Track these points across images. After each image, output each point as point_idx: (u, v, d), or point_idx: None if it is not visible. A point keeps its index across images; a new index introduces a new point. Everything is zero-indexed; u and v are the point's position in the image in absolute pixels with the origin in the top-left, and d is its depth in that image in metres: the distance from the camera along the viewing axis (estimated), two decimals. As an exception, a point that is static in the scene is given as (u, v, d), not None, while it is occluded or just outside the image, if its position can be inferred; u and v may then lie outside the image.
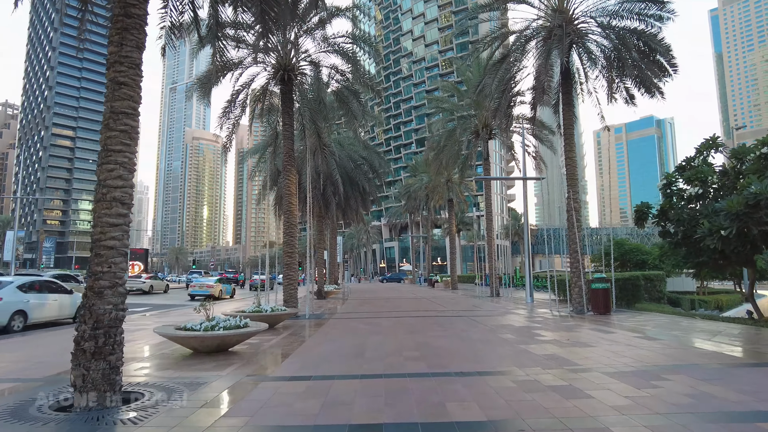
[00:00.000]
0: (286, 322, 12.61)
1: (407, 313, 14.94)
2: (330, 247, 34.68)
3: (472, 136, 25.37)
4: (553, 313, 14.53)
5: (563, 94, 15.94)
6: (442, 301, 20.75)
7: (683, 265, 33.15)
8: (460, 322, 12.09)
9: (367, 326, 11.28)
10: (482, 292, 27.43)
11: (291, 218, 14.65)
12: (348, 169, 22.87)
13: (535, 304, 18.85)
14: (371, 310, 16.50)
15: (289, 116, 15.10)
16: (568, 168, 15.53)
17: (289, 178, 14.78)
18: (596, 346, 7.89)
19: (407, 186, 47.92)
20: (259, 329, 8.20)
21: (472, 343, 8.43)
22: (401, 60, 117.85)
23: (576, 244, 15.04)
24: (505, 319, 12.92)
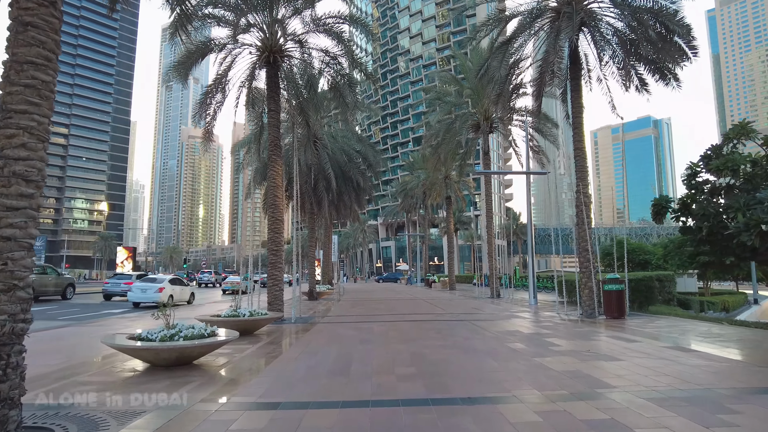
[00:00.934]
0: (269, 327, 11.38)
1: (402, 317, 13.73)
2: (324, 245, 33.44)
3: (471, 130, 24.17)
4: (562, 316, 13.35)
5: (571, 80, 14.76)
6: (439, 303, 19.56)
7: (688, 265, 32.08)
8: (461, 327, 10.89)
9: (356, 333, 10.06)
10: (481, 293, 26.25)
11: (276, 213, 13.42)
12: (341, 163, 21.63)
13: (539, 306, 17.69)
14: (363, 313, 15.28)
15: (275, 102, 13.87)
16: (578, 160, 14.35)
17: (275, 169, 13.55)
18: (624, 359, 6.69)
19: (404, 183, 46.74)
20: (229, 338, 6.96)
21: (477, 355, 7.22)
22: (398, 58, 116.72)
23: (586, 242, 13.86)
24: (510, 324, 11.72)
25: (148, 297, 19.16)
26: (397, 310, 16.52)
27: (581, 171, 14.25)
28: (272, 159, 13.63)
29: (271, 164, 13.60)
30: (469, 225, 78.19)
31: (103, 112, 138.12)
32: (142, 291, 19.54)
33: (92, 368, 6.58)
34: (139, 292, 19.56)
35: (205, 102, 14.46)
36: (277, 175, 13.58)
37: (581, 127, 14.48)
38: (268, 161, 13.73)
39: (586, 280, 13.71)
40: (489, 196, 23.51)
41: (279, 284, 13.17)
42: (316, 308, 17.53)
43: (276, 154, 13.66)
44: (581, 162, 14.28)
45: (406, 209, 50.61)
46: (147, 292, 19.38)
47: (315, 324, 11.99)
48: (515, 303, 19.39)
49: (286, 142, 22.73)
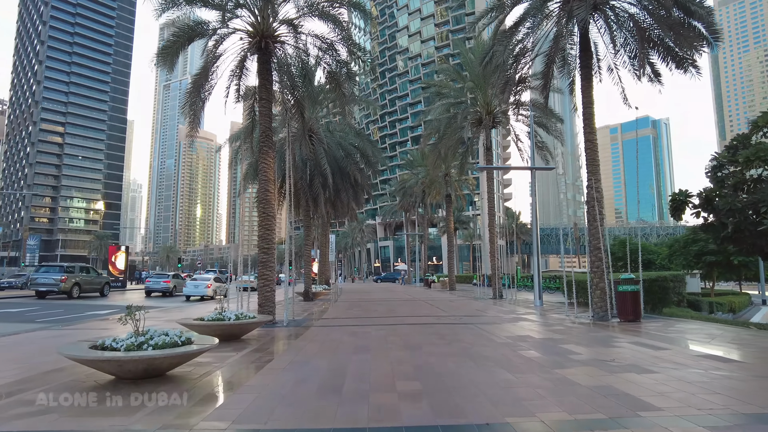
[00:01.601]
0: (259, 331, 10.52)
1: (402, 320, 12.87)
2: (320, 244, 32.56)
3: (473, 125, 23.30)
4: (572, 319, 12.51)
5: (582, 68, 13.92)
6: (440, 304, 18.71)
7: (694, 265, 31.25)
8: (466, 332, 10.04)
9: (352, 338, 9.20)
10: (483, 294, 25.41)
11: (268, 209, 12.55)
12: (338, 158, 20.74)
13: (545, 307, 16.85)
14: (361, 315, 14.42)
15: (266, 90, 13.00)
16: (588, 153, 13.51)
17: (266, 162, 12.67)
18: (658, 371, 5.84)
19: (402, 181, 45.86)
20: (204, 348, 6.08)
21: (488, 365, 6.37)
22: (396, 57, 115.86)
23: (598, 239, 13.03)
24: (518, 327, 10.87)
25: (199, 291, 24.26)
26: (396, 312, 15.67)
27: (592, 164, 13.42)
28: (263, 151, 12.75)
29: (263, 157, 12.73)
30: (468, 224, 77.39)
31: (100, 110, 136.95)
32: (195, 287, 24.69)
33: (50, 381, 5.71)
34: (192, 288, 24.69)
35: (192, 91, 13.59)
36: (269, 169, 12.70)
37: (592, 119, 13.64)
38: (258, 154, 12.86)
39: (598, 281, 12.88)
40: (491, 193, 22.67)
41: (270, 285, 12.29)
42: (311, 310, 16.67)
43: (267, 146, 12.78)
44: (592, 155, 13.45)
45: (405, 208, 49.72)
46: (198, 288, 24.53)
47: (308, 328, 11.12)
48: (519, 304, 18.55)
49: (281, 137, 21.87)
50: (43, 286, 22.52)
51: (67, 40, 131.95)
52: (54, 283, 22.39)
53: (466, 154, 25.29)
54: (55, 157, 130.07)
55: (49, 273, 23.26)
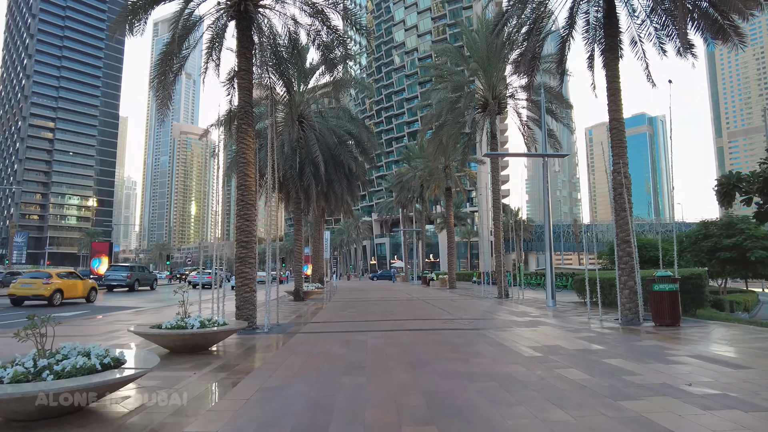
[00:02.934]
0: (235, 338, 8.85)
1: (402, 324, 11.19)
2: (314, 241, 30.85)
3: (477, 110, 21.62)
4: (596, 323, 10.87)
5: (606, 38, 12.25)
6: (443, 305, 17.05)
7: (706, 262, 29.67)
8: (481, 341, 8.37)
9: (344, 350, 7.50)
10: (486, 292, 23.77)
11: (247, 195, 10.83)
12: (331, 145, 19.01)
13: (558, 308, 15.22)
14: (355, 318, 12.73)
15: (246, 60, 11.27)
16: (614, 133, 11.87)
17: (246, 142, 10.95)
18: (766, 405, 4.19)
19: (399, 175, 44.14)
20: (133, 374, 4.37)
21: (527, 396, 4.68)
22: (393, 51, 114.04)
23: (627, 232, 11.40)
24: (540, 334, 9.21)
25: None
26: (395, 313, 13.99)
27: (618, 147, 11.77)
28: (242, 130, 11.03)
29: (241, 136, 11.01)
30: (466, 221, 75.88)
31: (91, 105, 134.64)
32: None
33: None
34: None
35: (161, 63, 11.85)
36: (248, 150, 10.98)
37: (618, 96, 11.98)
38: (237, 132, 11.14)
39: (627, 278, 11.25)
40: (495, 184, 20.98)
41: (250, 284, 10.58)
42: (300, 311, 14.98)
43: (247, 124, 11.06)
44: (618, 135, 11.80)
45: (402, 203, 48.02)
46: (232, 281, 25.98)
47: (293, 335, 9.43)
48: (530, 304, 16.91)
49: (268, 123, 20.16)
50: (114, 281, 29.20)
51: (58, 34, 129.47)
52: (122, 279, 29.39)
53: (469, 143, 23.60)
54: (45, 153, 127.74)
55: (117, 272, 30.43)
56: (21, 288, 18.46)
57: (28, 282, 18.67)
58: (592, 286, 14.71)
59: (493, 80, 20.60)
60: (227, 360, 6.82)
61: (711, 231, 28.01)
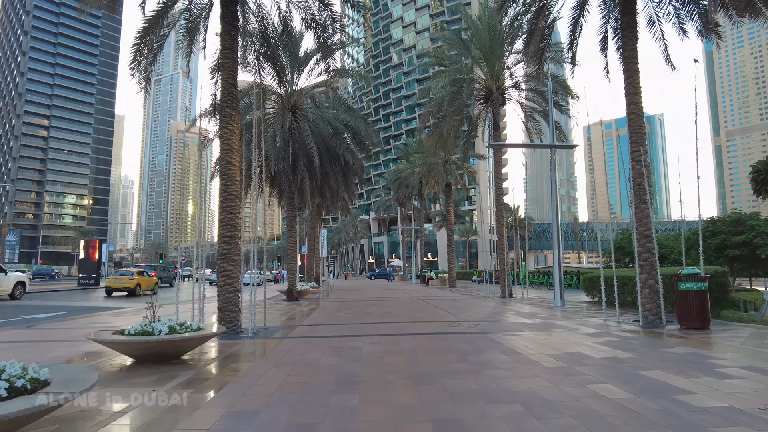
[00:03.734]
0: (213, 344, 7.86)
1: (402, 327, 10.18)
2: (309, 238, 29.84)
3: (480, 102, 20.63)
4: (614, 325, 9.90)
5: (622, 15, 11.27)
6: (445, 305, 16.06)
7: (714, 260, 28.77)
8: (491, 346, 7.39)
9: (335, 359, 6.50)
10: (488, 292, 22.79)
11: (230, 186, 9.82)
12: (325, 136, 17.98)
13: (568, 308, 14.26)
14: (351, 321, 11.73)
15: (230, 38, 10.24)
16: (632, 118, 10.89)
17: (229, 126, 9.94)
18: None
19: (397, 172, 43.09)
20: (60, 399, 3.36)
21: (560, 425, 3.69)
22: (390, 48, 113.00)
23: (647, 226, 10.43)
24: (557, 339, 8.23)
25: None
26: (394, 315, 12.99)
27: (637, 133, 10.79)
28: (225, 113, 10.02)
29: (224, 119, 9.99)
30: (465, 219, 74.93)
31: (86, 103, 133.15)
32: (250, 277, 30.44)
33: None
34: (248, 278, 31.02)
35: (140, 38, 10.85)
36: (232, 135, 9.97)
37: (636, 77, 10.99)
38: (220, 116, 10.12)
39: (647, 277, 10.28)
40: (499, 178, 20.00)
41: (233, 283, 9.57)
42: (292, 312, 13.97)
43: (230, 107, 10.04)
44: (636, 121, 10.82)
45: (400, 200, 47.02)
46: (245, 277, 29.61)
47: (280, 340, 8.43)
48: (536, 304, 15.95)
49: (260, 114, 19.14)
50: None
51: (52, 31, 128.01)
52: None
53: (470, 135, 22.59)
54: (40, 151, 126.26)
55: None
56: (114, 282, 24.60)
57: (118, 278, 25.14)
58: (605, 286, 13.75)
59: (496, 69, 19.60)
60: (198, 372, 5.81)
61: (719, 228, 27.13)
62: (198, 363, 6.40)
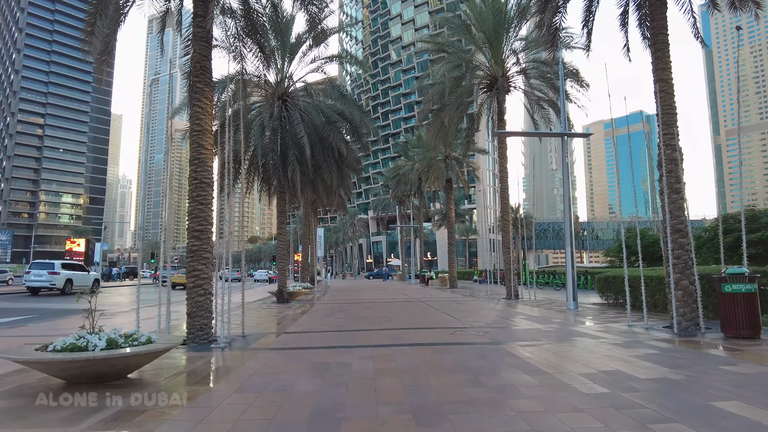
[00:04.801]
0: (174, 357, 6.55)
1: (400, 336, 8.86)
2: (303, 237, 28.53)
3: (483, 90, 19.30)
4: (643, 332, 8.59)
5: (650, -19, 9.97)
6: (447, 308, 14.74)
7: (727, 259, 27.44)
8: (508, 362, 6.07)
9: (316, 382, 5.18)
10: (492, 293, 21.54)
11: (202, 172, 8.50)
12: (318, 125, 16.64)
13: (583, 311, 12.96)
14: (342, 327, 10.39)
15: (202, 3, 8.92)
16: (662, 96, 9.57)
17: (201, 104, 8.61)
18: None
19: (396, 168, 41.72)
20: None
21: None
22: (389, 45, 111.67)
23: (680, 218, 9.14)
24: (582, 351, 6.91)
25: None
26: (391, 320, 11.66)
27: (668, 113, 9.46)
28: (197, 90, 8.69)
29: (195, 97, 8.67)
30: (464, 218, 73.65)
31: (82, 101, 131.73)
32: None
33: None
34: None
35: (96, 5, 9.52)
36: (204, 115, 8.64)
37: (666, 50, 9.69)
38: (190, 93, 8.79)
39: (680, 276, 8.98)
40: (504, 172, 18.66)
41: (204, 284, 8.25)
42: (279, 316, 12.64)
43: (203, 81, 8.71)
44: (667, 100, 9.50)
45: (399, 198, 45.66)
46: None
47: (255, 353, 7.11)
48: (546, 306, 14.63)
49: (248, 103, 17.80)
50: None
51: (47, 28, 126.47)
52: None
53: (473, 127, 21.25)
54: (35, 150, 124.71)
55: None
56: (177, 278, 25.83)
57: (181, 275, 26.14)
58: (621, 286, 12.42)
59: (501, 55, 18.28)
60: (136, 399, 4.48)
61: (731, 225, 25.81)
62: (142, 385, 5.07)
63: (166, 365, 6.19)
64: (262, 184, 18.66)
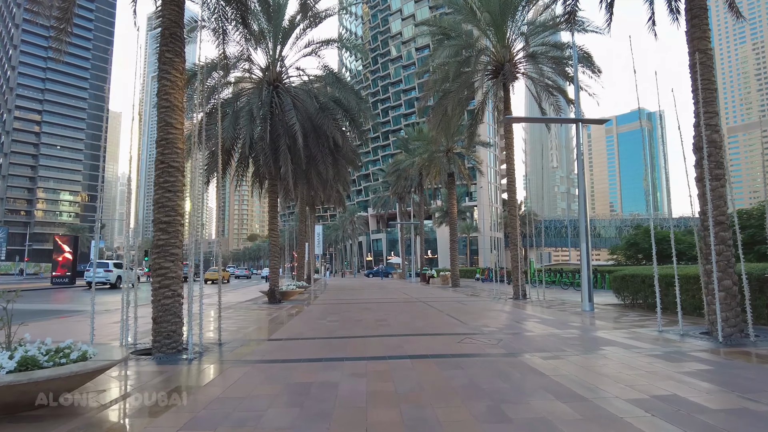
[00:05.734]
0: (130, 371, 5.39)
1: (400, 345, 7.68)
2: (299, 234, 27.36)
3: (488, 75, 18.09)
4: (677, 338, 7.43)
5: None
6: (451, 309, 13.56)
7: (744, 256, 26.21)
8: (532, 382, 4.90)
9: (289, 415, 4.00)
10: (498, 292, 20.39)
11: (170, 155, 7.34)
12: (311, 112, 15.41)
13: (600, 313, 11.78)
14: (333, 333, 9.20)
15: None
16: (701, 69, 8.38)
17: (170, 76, 7.43)
18: None
19: (396, 163, 40.49)
20: None
21: None
22: (389, 41, 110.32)
23: (720, 209, 7.97)
24: (621, 367, 5.73)
25: None
26: (389, 324, 10.47)
27: (707, 89, 8.26)
28: (166, 59, 7.51)
29: (164, 67, 7.49)
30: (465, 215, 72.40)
31: (79, 98, 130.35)
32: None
33: None
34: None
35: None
36: (174, 89, 7.46)
37: (703, 17, 8.50)
38: (159, 63, 7.61)
39: (721, 275, 7.81)
40: (510, 163, 17.46)
41: (172, 285, 7.08)
42: (267, 319, 11.46)
43: (172, 50, 7.53)
44: (706, 73, 8.30)
45: (399, 194, 44.43)
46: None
47: (227, 367, 5.93)
48: (559, 308, 13.46)
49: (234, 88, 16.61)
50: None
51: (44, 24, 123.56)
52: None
53: (477, 117, 20.04)
54: (32, 147, 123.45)
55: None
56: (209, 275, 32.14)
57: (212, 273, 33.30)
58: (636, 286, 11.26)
59: (508, 38, 17.07)
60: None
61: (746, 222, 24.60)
62: (61, 418, 3.90)
63: (114, 384, 5.03)
64: (254, 177, 17.47)
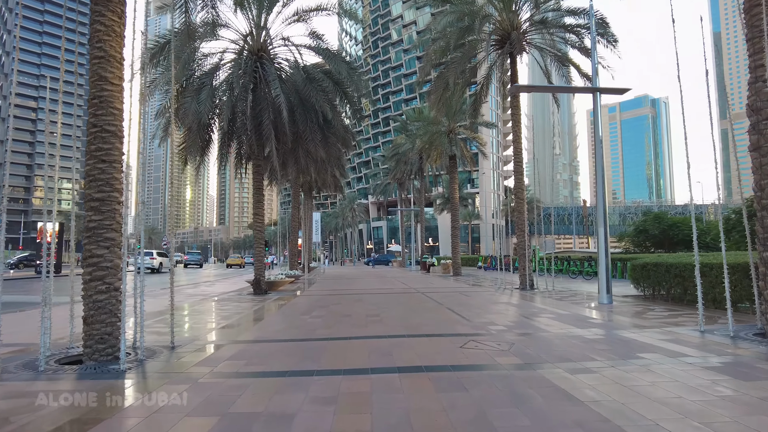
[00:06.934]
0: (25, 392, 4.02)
1: (389, 350, 6.31)
2: (293, 220, 26.00)
3: (493, 45, 16.56)
4: (726, 340, 6.07)
5: None
6: (453, 302, 12.20)
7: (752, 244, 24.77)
8: (563, 412, 3.53)
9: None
10: (502, 281, 19.08)
11: (103, 115, 5.94)
12: (298, 84, 13.93)
13: (620, 306, 10.41)
14: (315, 333, 7.81)
15: None
16: (753, 19, 6.92)
17: (105, 18, 5.98)
18: None
19: (395, 146, 38.96)
20: None
21: None
22: (390, 24, 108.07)
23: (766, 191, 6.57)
24: (678, 388, 4.37)
25: None
26: (382, 320, 9.11)
27: (756, 43, 6.81)
28: None
29: (96, 9, 6.05)
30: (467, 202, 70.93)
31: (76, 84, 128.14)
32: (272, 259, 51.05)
33: None
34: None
35: None
36: (110, 36, 6.00)
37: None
38: (91, 3, 6.16)
39: (780, 266, 6.43)
40: (518, 141, 15.97)
41: (107, 277, 5.71)
42: (242, 314, 10.10)
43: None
44: (754, 31, 6.83)
45: (399, 180, 42.97)
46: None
47: (161, 384, 4.58)
48: (572, 300, 12.11)
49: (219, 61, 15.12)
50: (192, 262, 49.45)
51: (38, 9, 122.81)
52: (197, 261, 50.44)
53: (481, 92, 18.53)
54: (28, 134, 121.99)
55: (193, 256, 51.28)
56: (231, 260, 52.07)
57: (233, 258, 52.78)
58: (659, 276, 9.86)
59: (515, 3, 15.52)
60: None
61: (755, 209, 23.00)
62: None
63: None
64: (237, 157, 16.05)
